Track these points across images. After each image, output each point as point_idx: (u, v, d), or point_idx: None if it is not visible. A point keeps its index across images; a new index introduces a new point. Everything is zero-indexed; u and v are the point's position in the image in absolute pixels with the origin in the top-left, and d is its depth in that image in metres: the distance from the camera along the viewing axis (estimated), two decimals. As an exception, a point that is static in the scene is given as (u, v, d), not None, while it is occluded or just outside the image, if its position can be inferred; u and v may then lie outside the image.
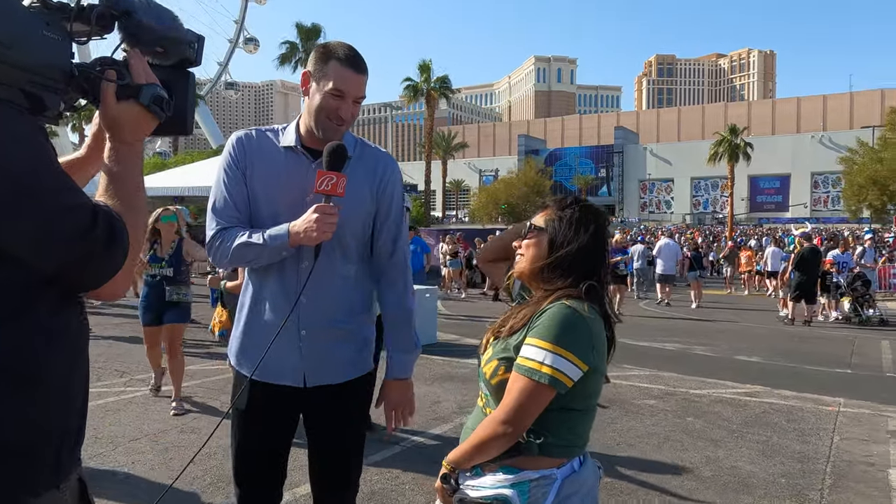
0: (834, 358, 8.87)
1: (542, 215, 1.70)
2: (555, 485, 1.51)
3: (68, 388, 1.12)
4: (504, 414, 1.49)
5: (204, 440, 4.71)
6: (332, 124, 1.97)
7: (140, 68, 1.17)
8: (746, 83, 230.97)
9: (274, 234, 1.91)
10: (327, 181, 1.84)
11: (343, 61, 1.93)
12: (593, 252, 1.63)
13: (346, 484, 2.20)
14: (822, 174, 73.37)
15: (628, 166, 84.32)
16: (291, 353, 2.03)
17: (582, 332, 1.51)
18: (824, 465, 4.53)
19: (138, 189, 1.19)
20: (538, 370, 1.47)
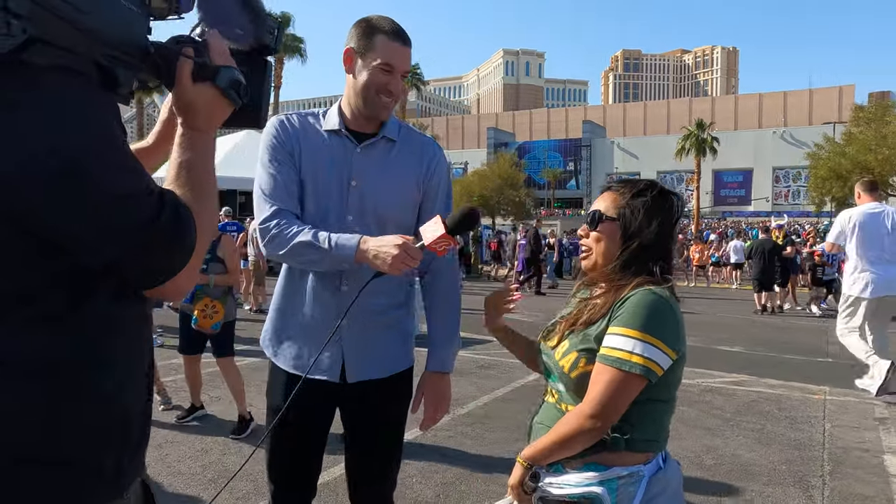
0: (812, 347, 9.06)
1: (609, 202, 1.60)
2: (643, 482, 1.45)
3: (126, 390, 1.02)
4: (591, 407, 1.42)
5: (198, 436, 4.59)
6: (381, 100, 1.89)
7: (219, 49, 1.07)
8: (710, 79, 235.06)
9: (341, 244, 1.77)
10: (443, 245, 1.68)
11: (390, 35, 1.86)
12: (668, 238, 1.58)
13: (383, 480, 2.13)
14: (783, 169, 75.10)
15: (596, 160, 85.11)
16: (331, 346, 1.95)
17: (669, 319, 1.46)
18: (821, 451, 4.61)
19: (210, 175, 1.10)
20: (628, 360, 1.40)
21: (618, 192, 1.61)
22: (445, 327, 2.09)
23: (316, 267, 1.88)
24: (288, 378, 2.01)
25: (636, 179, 1.65)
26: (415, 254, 1.67)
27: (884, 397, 5.96)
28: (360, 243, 1.75)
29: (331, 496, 3.57)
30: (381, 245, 1.70)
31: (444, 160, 2.14)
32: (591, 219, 1.62)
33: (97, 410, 0.97)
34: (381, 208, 1.96)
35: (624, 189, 1.60)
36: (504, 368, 6.91)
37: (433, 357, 2.07)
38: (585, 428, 1.43)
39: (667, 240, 1.57)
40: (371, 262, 1.73)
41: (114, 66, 0.93)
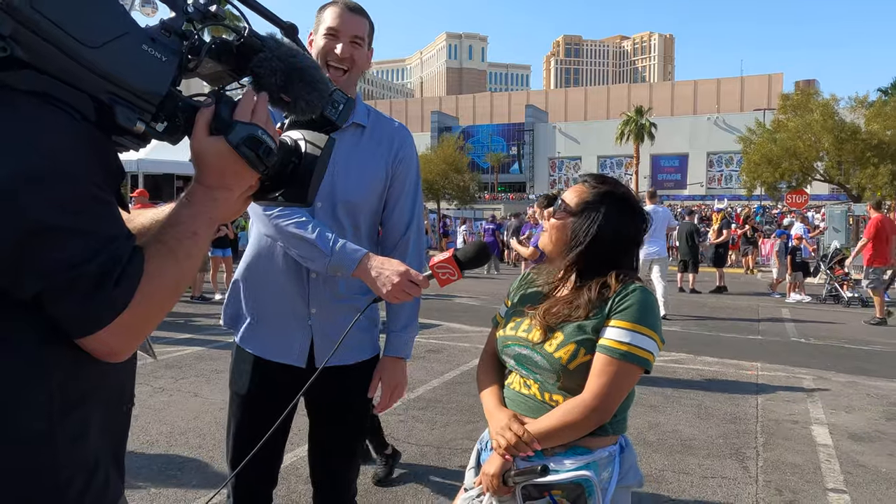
0: (744, 325, 9.50)
1: (573, 192, 1.67)
2: (616, 461, 1.54)
3: (58, 435, 0.92)
4: (597, 399, 1.48)
5: (141, 427, 4.48)
6: (333, 71, 1.87)
7: (247, 107, 1.00)
8: (648, 65, 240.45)
9: (344, 254, 1.74)
10: (447, 273, 1.65)
11: (337, 3, 1.87)
12: (637, 241, 1.68)
13: (347, 465, 2.13)
14: (717, 154, 77.65)
15: (538, 144, 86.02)
16: (300, 332, 1.93)
17: (657, 313, 1.58)
18: (755, 424, 4.85)
19: (196, 238, 0.99)
20: (632, 353, 1.48)
21: (587, 186, 1.66)
22: (404, 313, 2.09)
23: (305, 263, 1.84)
24: (255, 362, 1.98)
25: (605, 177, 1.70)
26: (418, 281, 1.67)
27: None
28: (362, 260, 1.73)
29: (293, 480, 3.54)
30: (383, 269, 1.68)
31: (413, 146, 2.12)
32: (557, 206, 1.68)
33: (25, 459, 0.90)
34: (350, 195, 1.94)
35: (593, 185, 1.66)
36: (453, 352, 6.97)
37: (391, 342, 2.08)
38: (593, 418, 1.49)
39: (631, 237, 1.66)
40: (370, 282, 1.71)
41: (113, 105, 0.89)
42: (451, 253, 1.64)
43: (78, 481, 0.94)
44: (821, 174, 26.35)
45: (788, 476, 3.90)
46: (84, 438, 0.96)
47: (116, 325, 0.89)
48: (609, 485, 1.50)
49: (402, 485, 3.67)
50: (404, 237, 2.08)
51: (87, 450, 0.97)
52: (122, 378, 1.05)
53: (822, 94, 26.91)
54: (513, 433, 1.54)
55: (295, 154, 1.08)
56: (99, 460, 0.98)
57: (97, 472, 0.98)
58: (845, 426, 4.85)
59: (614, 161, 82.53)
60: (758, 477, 3.88)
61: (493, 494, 1.57)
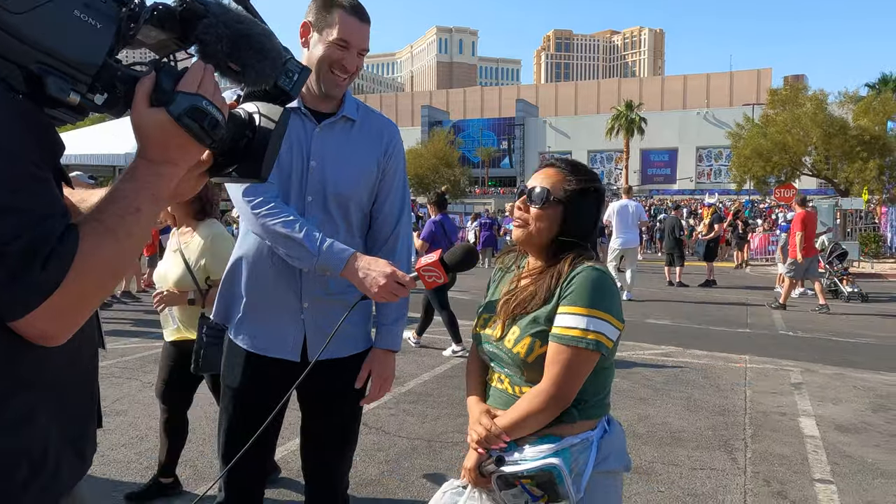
0: (732, 319, 9.55)
1: (555, 181, 1.60)
2: (593, 447, 1.52)
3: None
4: (554, 386, 1.47)
5: (131, 422, 4.45)
6: (335, 77, 1.85)
7: (193, 77, 0.94)
8: (638, 60, 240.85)
9: (332, 253, 1.73)
10: (434, 277, 1.64)
11: (348, 10, 1.81)
12: (598, 223, 1.68)
13: (339, 459, 2.13)
14: (706, 148, 78.00)
15: (529, 139, 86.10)
16: (293, 326, 1.93)
17: (613, 293, 1.53)
18: (743, 417, 4.89)
19: (136, 213, 0.93)
20: (583, 337, 1.46)
21: (564, 174, 1.62)
22: (395, 306, 2.08)
23: (292, 262, 1.83)
24: (247, 357, 1.98)
25: (580, 166, 1.67)
26: (405, 282, 1.66)
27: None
28: (350, 260, 1.72)
29: (285, 473, 3.54)
30: (370, 269, 1.67)
31: (401, 142, 2.13)
32: (533, 194, 1.61)
33: None
34: (341, 189, 1.94)
35: (570, 174, 1.62)
36: (442, 346, 6.98)
37: (382, 335, 2.08)
38: (550, 406, 1.49)
39: (597, 224, 1.68)
40: (357, 283, 1.70)
41: (44, 75, 0.85)
42: (438, 255, 1.63)
43: (22, 467, 0.91)
44: (809, 168, 26.54)
45: (776, 467, 3.93)
46: (29, 424, 0.92)
47: (47, 307, 0.84)
48: (584, 469, 1.50)
49: (392, 478, 3.67)
50: (395, 231, 2.08)
51: (34, 436, 0.93)
52: (78, 362, 1.00)
53: (810, 89, 27.11)
54: (482, 427, 1.56)
55: (248, 127, 1.03)
56: (48, 447, 0.95)
57: (46, 458, 0.95)
58: (832, 418, 4.89)
59: (604, 155, 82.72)
60: (746, 468, 3.91)
61: (474, 486, 1.60)
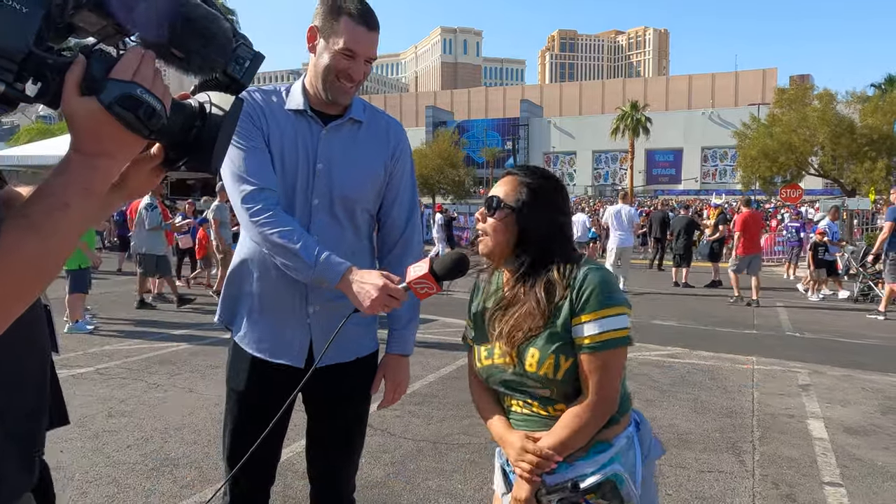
0: (739, 320, 9.50)
1: (510, 188, 1.59)
2: (635, 443, 1.53)
3: None
4: (600, 394, 1.46)
5: (136, 423, 4.44)
6: (341, 85, 1.82)
7: (129, 64, 0.87)
8: (642, 60, 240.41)
9: (328, 266, 1.70)
10: (425, 288, 1.61)
11: (356, 17, 1.77)
12: (567, 218, 1.65)
13: (346, 463, 2.11)
14: (711, 149, 77.77)
15: (533, 139, 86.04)
16: (299, 330, 1.91)
17: (616, 285, 1.55)
18: (751, 419, 4.86)
19: (63, 209, 0.87)
20: (613, 339, 1.46)
21: (518, 178, 1.61)
22: (406, 310, 2.06)
23: (289, 272, 1.80)
24: (252, 361, 1.96)
25: (535, 169, 1.64)
26: (397, 295, 1.64)
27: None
28: (346, 273, 1.69)
29: (290, 476, 3.52)
30: (363, 283, 1.65)
31: (408, 142, 2.10)
32: (488, 204, 1.60)
33: None
34: (348, 192, 1.91)
35: (523, 178, 1.60)
36: (448, 347, 6.96)
37: (394, 340, 2.05)
38: (601, 414, 1.48)
39: (567, 224, 1.65)
40: (351, 296, 1.68)
41: None
42: (429, 267, 1.59)
43: None
44: (815, 168, 26.41)
45: (785, 470, 3.90)
46: None
47: None
48: (636, 468, 1.49)
49: (398, 480, 3.66)
50: (404, 234, 2.05)
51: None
52: (18, 366, 0.97)
53: (817, 89, 26.98)
54: (532, 454, 1.51)
55: (199, 118, 0.98)
56: None
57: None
58: (841, 420, 4.86)
59: (609, 156, 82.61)
60: (754, 471, 3.88)
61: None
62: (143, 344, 7.02)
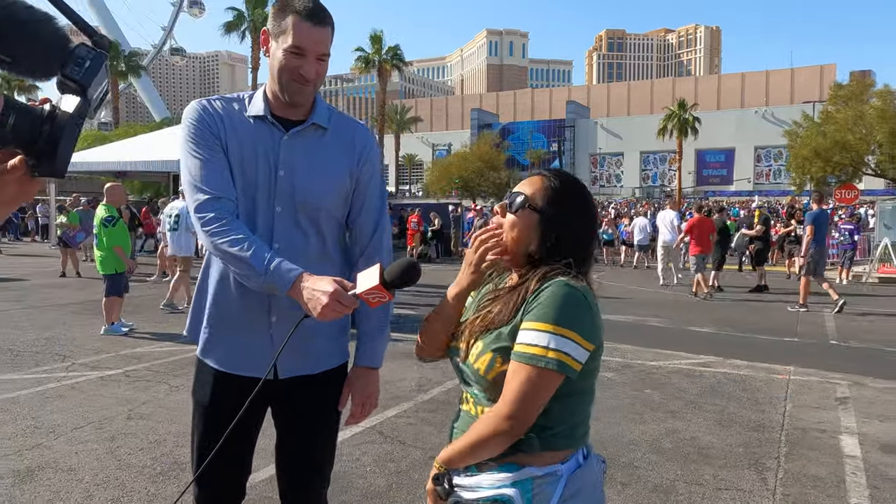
0: (781, 327, 9.12)
1: (536, 188, 1.51)
2: (561, 481, 1.38)
3: None
4: (507, 408, 1.35)
5: (152, 427, 4.52)
6: (295, 86, 1.79)
7: None
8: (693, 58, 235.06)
9: (279, 273, 1.66)
10: (377, 297, 1.56)
11: (302, 14, 1.73)
12: (591, 230, 1.55)
13: (317, 479, 2.06)
14: (764, 148, 75.52)
15: (579, 140, 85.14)
16: (261, 342, 1.87)
17: (584, 310, 1.39)
18: (779, 433, 4.63)
19: None
20: (543, 356, 1.33)
21: (548, 182, 1.52)
22: (374, 320, 2.01)
23: (242, 280, 1.78)
24: (216, 374, 1.94)
25: (568, 176, 1.56)
26: (348, 302, 1.58)
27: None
28: (296, 280, 1.65)
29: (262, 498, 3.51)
30: (314, 289, 1.61)
31: (376, 147, 2.06)
32: (511, 201, 1.52)
33: None
34: (311, 199, 1.88)
35: (553, 183, 1.51)
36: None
37: (361, 352, 2.00)
38: (502, 429, 1.36)
39: (588, 236, 1.53)
40: (302, 302, 1.64)
41: None
42: (379, 277, 1.53)
43: None
44: (872, 168, 25.24)
45: (809, 489, 3.69)
46: None
47: None
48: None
49: (400, 490, 3.60)
50: (373, 239, 2.00)
51: None
52: None
53: (878, 86, 25.82)
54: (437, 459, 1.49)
55: (47, 121, 0.95)
56: None
57: None
58: (877, 436, 4.58)
59: (657, 156, 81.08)
60: (776, 490, 3.68)
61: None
62: (172, 347, 7.16)
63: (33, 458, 3.90)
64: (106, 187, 8.24)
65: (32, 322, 8.43)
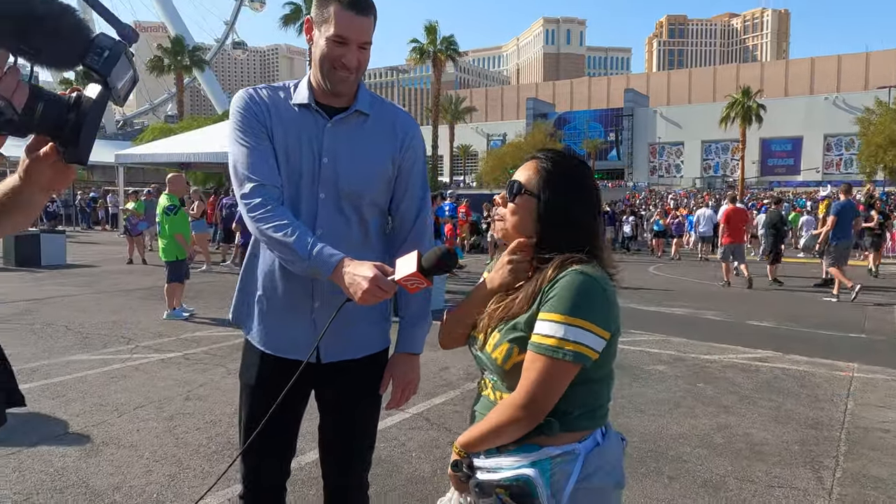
0: (847, 322, 8.73)
1: (530, 172, 1.51)
2: (578, 460, 1.40)
3: None
4: (524, 397, 1.37)
5: (208, 408, 4.69)
6: (338, 74, 1.82)
7: None
8: (759, 43, 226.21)
9: (322, 258, 1.69)
10: (416, 283, 1.58)
11: (344, 3, 1.75)
12: (590, 210, 1.50)
13: (358, 461, 2.11)
14: (835, 136, 72.18)
15: (638, 130, 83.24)
16: (304, 326, 1.92)
17: (599, 299, 1.38)
18: (839, 431, 4.45)
19: None
20: (560, 347, 1.34)
21: (541, 163, 1.51)
22: (415, 307, 2.03)
23: (286, 265, 1.83)
24: (262, 356, 2.00)
25: (563, 155, 1.54)
26: (387, 287, 1.61)
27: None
28: (338, 265, 1.68)
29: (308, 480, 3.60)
30: (355, 274, 1.64)
31: (419, 134, 2.07)
32: (509, 188, 1.53)
33: None
34: (354, 185, 1.91)
35: (546, 164, 1.50)
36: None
37: (402, 338, 2.03)
38: (518, 417, 1.38)
39: (590, 216, 1.50)
40: (343, 287, 1.67)
41: None
42: (417, 265, 1.55)
43: None
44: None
45: (868, 490, 3.54)
46: None
47: None
48: (566, 483, 1.38)
49: (445, 476, 3.63)
50: (415, 226, 2.02)
51: None
52: None
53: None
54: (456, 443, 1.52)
55: (73, 109, 0.99)
56: None
57: None
58: (946, 438, 4.35)
59: (720, 146, 78.59)
60: (832, 490, 3.55)
61: (458, 492, 1.55)
62: (229, 332, 7.39)
63: (98, 434, 4.12)
64: (168, 177, 8.57)
65: (101, 306, 8.86)
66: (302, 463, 3.58)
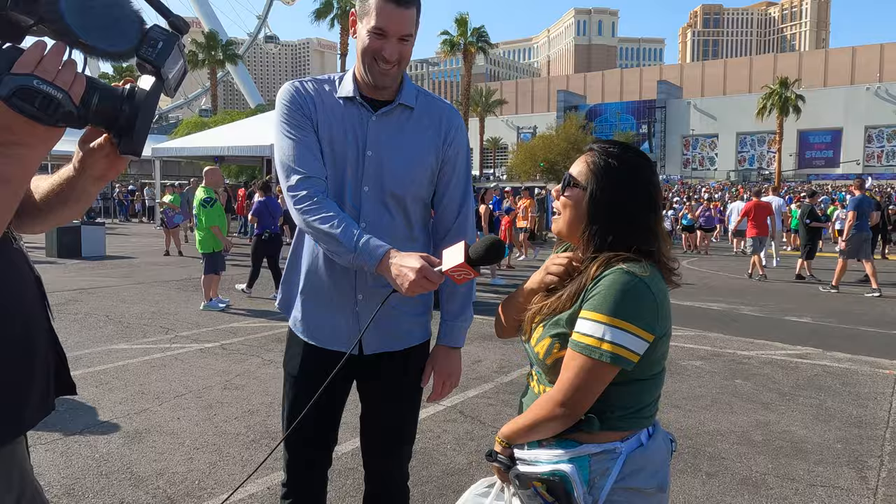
0: (890, 319, 8.50)
1: (583, 164, 1.48)
2: (619, 460, 1.38)
3: None
4: (562, 394, 1.36)
5: (246, 397, 4.77)
6: (379, 67, 1.82)
7: (31, 57, 0.91)
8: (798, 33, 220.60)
9: (368, 249, 1.70)
10: (463, 274, 1.58)
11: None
12: (645, 205, 1.44)
13: (398, 452, 2.12)
14: (876, 128, 70.12)
15: (671, 122, 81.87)
16: (347, 318, 1.94)
17: (644, 300, 1.34)
18: (883, 430, 4.34)
19: None
20: (598, 347, 1.32)
21: (594, 156, 1.47)
22: (457, 301, 2.04)
23: (332, 256, 1.84)
24: (306, 347, 2.03)
25: (617, 146, 1.49)
26: (434, 278, 1.61)
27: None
28: (384, 256, 1.69)
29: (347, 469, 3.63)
30: (402, 265, 1.65)
31: (462, 128, 2.06)
32: (563, 182, 1.52)
33: None
34: (398, 179, 1.91)
35: (599, 156, 1.46)
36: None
37: (444, 331, 2.04)
38: (556, 414, 1.38)
39: (644, 210, 1.44)
40: (390, 279, 1.68)
41: None
42: (464, 255, 1.55)
43: None
44: None
45: (915, 491, 3.45)
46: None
47: None
48: (604, 482, 1.37)
49: (480, 468, 3.64)
50: (458, 219, 2.02)
51: None
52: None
53: None
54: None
55: (126, 101, 1.00)
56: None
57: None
58: None
59: (755, 138, 76.94)
60: (877, 489, 3.47)
61: (501, 481, 1.56)
62: (265, 323, 7.51)
63: (141, 422, 4.22)
64: (205, 170, 8.70)
65: (140, 296, 9.06)
66: (339, 453, 3.62)
